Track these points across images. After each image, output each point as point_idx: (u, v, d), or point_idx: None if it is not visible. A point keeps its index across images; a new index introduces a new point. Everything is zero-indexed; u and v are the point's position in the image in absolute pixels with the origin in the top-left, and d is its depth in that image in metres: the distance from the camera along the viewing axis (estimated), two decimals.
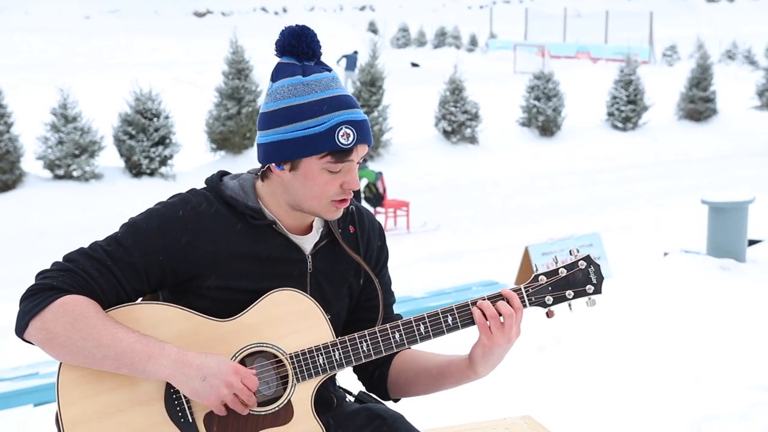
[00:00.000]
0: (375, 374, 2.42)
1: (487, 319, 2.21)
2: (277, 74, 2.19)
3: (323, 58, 2.24)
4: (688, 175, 19.40)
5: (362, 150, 2.17)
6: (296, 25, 2.19)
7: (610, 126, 23.59)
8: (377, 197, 15.06)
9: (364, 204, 14.70)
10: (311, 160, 2.13)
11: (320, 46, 2.20)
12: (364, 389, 2.46)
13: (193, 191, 2.24)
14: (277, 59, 2.22)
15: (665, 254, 9.37)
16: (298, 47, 2.17)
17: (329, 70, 2.20)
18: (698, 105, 24.51)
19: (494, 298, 2.24)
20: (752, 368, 5.69)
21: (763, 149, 22.92)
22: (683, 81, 25.35)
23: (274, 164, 2.18)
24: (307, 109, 2.13)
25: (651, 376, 5.58)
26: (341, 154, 2.13)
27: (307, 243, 2.26)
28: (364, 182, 14.95)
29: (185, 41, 49.10)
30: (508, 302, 2.23)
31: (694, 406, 5.08)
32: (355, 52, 30.22)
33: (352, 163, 2.16)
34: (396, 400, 2.46)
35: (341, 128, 2.11)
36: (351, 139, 2.12)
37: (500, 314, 2.21)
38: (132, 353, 2.03)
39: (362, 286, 2.37)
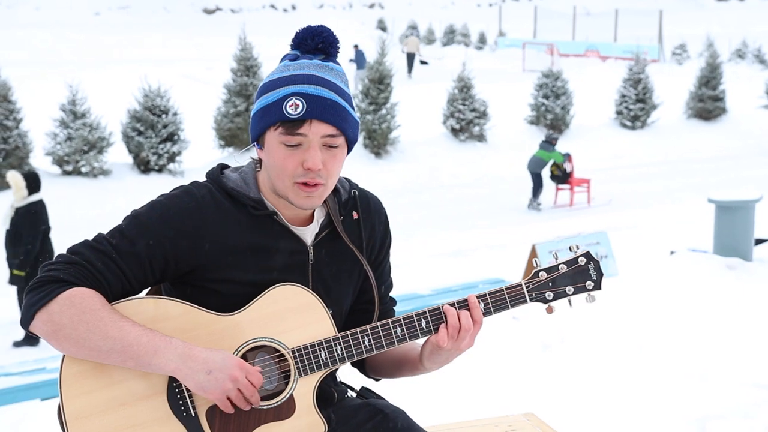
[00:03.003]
0: None
1: (447, 327, 2.22)
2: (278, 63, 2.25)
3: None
4: (697, 174, 19.36)
5: (321, 128, 2.13)
6: (317, 24, 2.23)
7: (618, 124, 23.56)
8: (564, 175, 16.86)
9: (550, 181, 17.00)
10: (270, 134, 2.15)
11: (330, 45, 2.22)
12: (365, 385, 2.47)
13: (195, 183, 2.25)
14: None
15: (672, 253, 9.36)
16: (303, 40, 2.22)
17: (325, 59, 2.21)
18: (707, 104, 24.46)
19: (461, 305, 2.25)
20: (757, 367, 5.69)
21: None
22: (692, 80, 25.30)
23: (255, 145, 2.22)
24: (271, 84, 2.17)
25: (656, 374, 5.59)
26: (290, 125, 2.11)
27: (308, 234, 2.27)
28: (551, 162, 16.77)
29: (194, 38, 49.13)
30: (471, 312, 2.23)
31: (698, 405, 5.08)
32: (355, 46, 30.09)
33: (308, 139, 2.13)
34: (376, 379, 2.48)
35: (290, 99, 2.11)
36: (299, 110, 2.10)
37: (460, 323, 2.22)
38: (138, 346, 2.04)
39: (363, 276, 2.38)
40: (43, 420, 5.39)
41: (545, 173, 17.01)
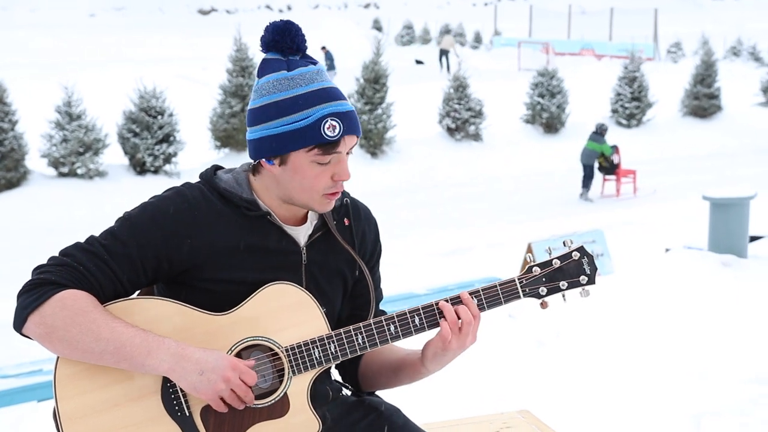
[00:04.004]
0: (346, 368, 2.44)
1: (447, 323, 2.22)
2: (263, 70, 2.21)
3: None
4: (692, 172, 19.37)
5: (350, 141, 2.17)
6: (280, 20, 2.20)
7: (614, 123, 23.56)
8: (612, 166, 17.66)
9: (597, 173, 17.70)
10: (299, 154, 2.14)
11: (305, 41, 2.21)
12: None
13: (187, 185, 2.25)
14: (264, 55, 2.24)
15: (667, 250, 9.37)
16: (282, 42, 2.19)
17: (314, 63, 2.21)
18: (703, 102, 24.47)
19: (454, 302, 2.25)
20: (753, 363, 5.70)
21: (767, 146, 22.88)
22: (688, 78, 25.30)
23: (264, 160, 2.19)
24: (293, 103, 2.14)
25: (651, 371, 5.60)
26: (328, 146, 2.13)
27: (301, 234, 2.27)
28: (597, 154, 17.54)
29: (190, 39, 49.12)
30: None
31: (694, 401, 5.09)
32: (323, 48, 29.93)
33: (341, 155, 2.17)
34: (370, 393, 2.46)
35: (327, 120, 2.12)
36: (337, 131, 2.13)
37: (459, 318, 2.22)
38: (131, 347, 2.04)
39: (355, 280, 2.38)
40: (40, 422, 5.39)
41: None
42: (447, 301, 2.25)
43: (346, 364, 2.42)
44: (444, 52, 36.76)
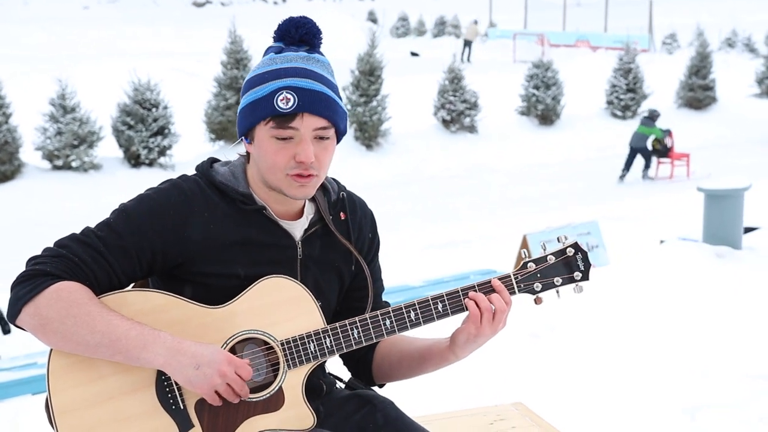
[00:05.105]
0: (360, 360, 2.43)
1: (480, 311, 2.22)
2: (262, 56, 2.24)
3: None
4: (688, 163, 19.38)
5: (311, 121, 2.13)
6: (299, 15, 2.23)
7: (609, 114, 23.58)
8: (665, 149, 18.35)
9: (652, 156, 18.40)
10: (261, 128, 2.15)
11: (314, 36, 2.21)
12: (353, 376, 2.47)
13: (183, 177, 2.24)
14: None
15: (662, 242, 9.38)
16: (286, 31, 2.21)
17: (313, 52, 2.21)
18: (698, 93, 24.49)
19: (485, 288, 2.25)
20: (747, 356, 5.71)
21: (762, 137, 22.90)
22: (683, 69, 25.32)
23: (243, 139, 2.22)
24: (259, 78, 2.16)
25: (646, 364, 5.60)
26: (281, 119, 2.11)
27: (297, 229, 2.26)
28: (652, 138, 18.15)
29: (184, 31, 48.99)
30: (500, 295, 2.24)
31: (688, 394, 5.10)
32: None
33: (300, 133, 2.13)
34: (381, 386, 2.46)
35: (281, 93, 2.11)
36: (290, 104, 2.10)
37: (493, 306, 2.23)
38: (127, 340, 2.03)
39: (353, 274, 2.37)
40: (34, 415, 5.38)
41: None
42: (476, 289, 2.24)
43: (359, 357, 2.42)
44: (468, 43, 37.85)
